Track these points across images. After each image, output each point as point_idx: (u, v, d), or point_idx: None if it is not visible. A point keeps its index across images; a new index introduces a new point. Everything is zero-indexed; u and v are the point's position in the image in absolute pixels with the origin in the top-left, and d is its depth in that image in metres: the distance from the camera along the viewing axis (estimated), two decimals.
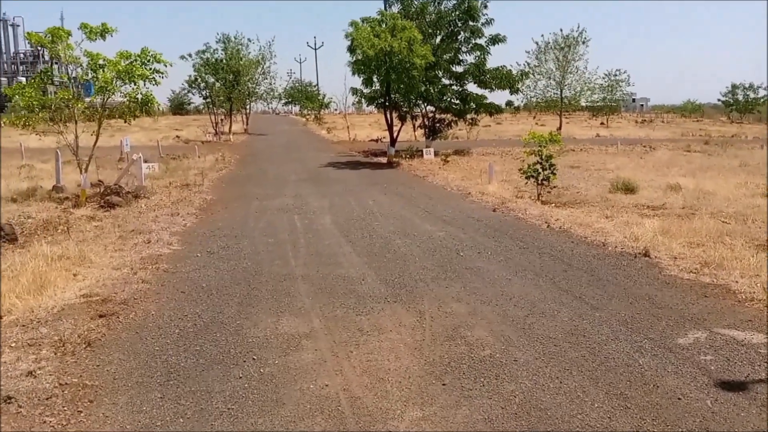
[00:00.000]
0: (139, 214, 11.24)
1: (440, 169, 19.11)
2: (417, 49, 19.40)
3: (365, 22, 20.83)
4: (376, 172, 19.05)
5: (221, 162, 21.38)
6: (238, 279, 6.92)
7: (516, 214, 11.23)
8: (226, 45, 34.27)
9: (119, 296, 6.27)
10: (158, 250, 8.34)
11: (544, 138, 14.02)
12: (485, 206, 12.22)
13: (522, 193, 14.47)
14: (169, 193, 13.73)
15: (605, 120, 53.02)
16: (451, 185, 15.40)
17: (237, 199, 13.30)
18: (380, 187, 15.17)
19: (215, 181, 16.58)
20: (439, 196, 13.59)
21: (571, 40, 37.14)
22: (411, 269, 7.27)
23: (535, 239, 9.04)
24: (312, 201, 12.84)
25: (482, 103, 25.25)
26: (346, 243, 8.76)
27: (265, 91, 39.72)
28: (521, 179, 16.55)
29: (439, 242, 8.81)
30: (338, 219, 10.72)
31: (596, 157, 24.63)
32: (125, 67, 12.18)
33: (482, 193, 13.73)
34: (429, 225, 10.16)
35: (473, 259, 7.81)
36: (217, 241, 8.96)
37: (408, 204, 12.45)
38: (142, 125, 46.90)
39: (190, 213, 11.30)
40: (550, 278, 6.84)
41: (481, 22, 24.78)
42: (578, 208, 12.39)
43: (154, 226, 9.91)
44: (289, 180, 16.68)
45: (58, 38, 12.62)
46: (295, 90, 63.12)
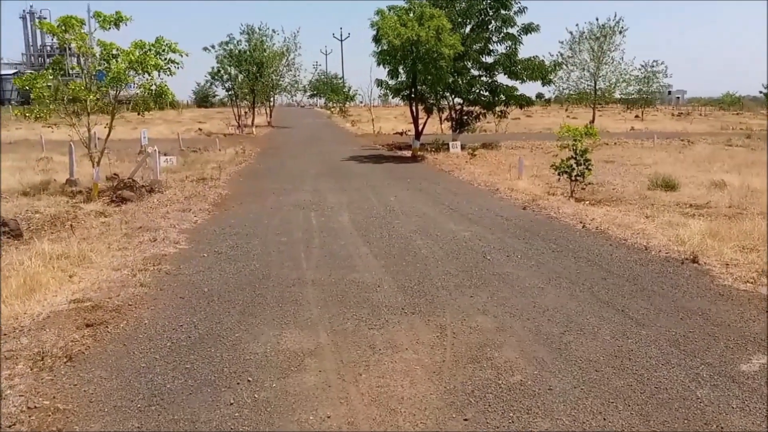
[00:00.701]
0: (150, 209, 10.84)
1: (467, 164, 18.43)
2: (445, 39, 18.69)
3: (392, 11, 20.17)
4: (399, 166, 18.45)
5: (241, 155, 21.00)
6: (243, 283, 6.40)
7: (548, 213, 10.53)
8: (250, 36, 33.94)
9: (113, 302, 5.80)
10: (163, 250, 7.88)
11: (578, 131, 13.26)
12: (514, 204, 11.54)
13: (554, 189, 13.73)
14: (183, 188, 13.33)
15: (640, 113, 51.49)
16: (478, 180, 14.73)
17: (253, 194, 12.83)
18: (403, 182, 14.57)
19: (233, 175, 16.16)
20: (464, 193, 12.94)
21: (607, 29, 35.88)
22: (432, 274, 6.67)
23: (570, 241, 8.36)
24: (330, 197, 12.30)
25: (513, 95, 24.43)
26: (363, 243, 8.19)
27: (289, 84, 39.32)
28: (553, 175, 15.82)
29: (464, 243, 8.19)
30: (356, 217, 10.16)
31: (632, 151, 23.64)
32: (138, 57, 11.76)
33: (511, 190, 13.04)
34: (453, 224, 9.54)
35: (501, 263, 7.18)
36: (226, 240, 8.47)
37: (431, 201, 11.83)
38: (166, 118, 47.06)
39: (202, 209, 10.86)
40: (588, 287, 6.18)
41: (513, 10, 23.98)
42: (615, 206, 11.63)
43: (163, 223, 9.48)
44: (309, 174, 16.18)
45: (70, 27, 12.27)
46: (320, 82, 62.73)
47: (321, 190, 13.20)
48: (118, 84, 12.06)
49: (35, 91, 11.80)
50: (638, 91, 45.99)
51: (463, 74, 23.78)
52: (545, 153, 23.16)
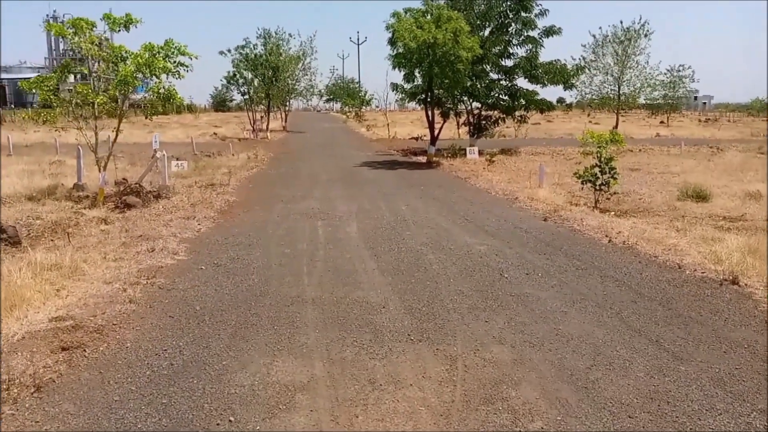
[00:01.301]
0: (154, 216, 10.46)
1: (484, 171, 17.87)
2: (463, 41, 18.17)
3: (408, 13, 19.72)
4: (413, 172, 17.94)
5: (253, 160, 20.64)
6: (238, 300, 5.94)
7: (571, 225, 9.96)
8: (267, 40, 33.71)
9: (96, 321, 5.37)
10: (160, 261, 7.46)
11: (603, 138, 12.68)
12: (535, 214, 10.97)
13: (577, 199, 13.15)
14: (191, 194, 12.96)
15: (665, 119, 50.44)
16: (496, 189, 14.16)
17: (261, 201, 12.42)
18: (416, 189, 14.06)
19: (243, 180, 15.78)
20: (481, 202, 12.40)
21: (632, 32, 35.06)
22: (443, 294, 6.16)
23: (595, 257, 7.79)
24: (340, 205, 11.83)
25: (533, 100, 23.83)
26: (369, 257, 7.70)
27: (305, 88, 39.02)
28: (575, 183, 15.23)
29: (480, 259, 7.66)
30: (365, 227, 9.67)
31: (658, 158, 22.89)
32: (146, 60, 11.42)
33: (531, 199, 12.46)
34: (468, 236, 9.01)
35: (520, 282, 6.64)
36: (227, 251, 8.04)
37: (445, 210, 11.31)
38: (183, 122, 47.10)
39: (207, 217, 10.45)
40: (617, 312, 5.62)
41: (534, 12, 23.42)
42: (642, 218, 11.03)
43: (164, 232, 9.08)
44: (320, 180, 15.74)
45: (79, 30, 11.97)
46: (336, 87, 62.49)
47: (331, 198, 12.74)
48: (125, 87, 11.71)
49: (41, 94, 11.51)
50: (663, 96, 45.01)
51: (482, 78, 23.25)
52: (567, 159, 22.51)
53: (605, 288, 6.43)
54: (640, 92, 38.06)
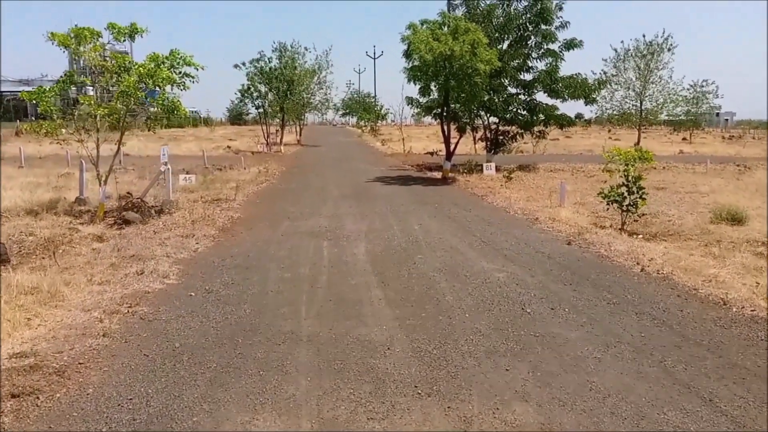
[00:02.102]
0: (151, 233, 9.85)
1: (502, 188, 17.11)
2: (481, 53, 17.49)
3: (425, 25, 19.11)
4: (427, 189, 17.23)
5: (264, 174, 20.07)
6: (225, 337, 5.25)
7: (597, 250, 9.17)
8: (282, 54, 33.36)
9: (61, 359, 4.71)
10: (148, 285, 6.81)
11: (631, 155, 11.87)
12: (557, 237, 10.20)
13: (601, 220, 12.35)
14: (195, 209, 12.34)
15: (688, 135, 49.28)
16: (515, 208, 13.39)
17: (266, 218, 11.77)
18: (430, 207, 13.34)
19: (251, 195, 15.18)
20: (499, 222, 11.64)
21: (655, 47, 34.21)
22: (458, 333, 5.42)
23: (627, 289, 7.00)
24: (349, 223, 11.15)
25: (552, 115, 23.06)
26: (377, 284, 6.98)
27: (320, 102, 38.58)
28: (599, 202, 14.44)
29: (498, 289, 6.90)
30: (374, 248, 8.97)
31: (684, 176, 21.97)
32: (148, 70, 10.88)
33: (553, 220, 11.68)
34: (486, 261, 8.26)
35: (545, 319, 5.88)
36: (222, 275, 7.37)
37: (461, 231, 10.57)
38: (198, 135, 46.91)
39: (207, 235, 9.82)
40: (659, 360, 4.84)
41: (554, 25, 22.73)
42: (674, 242, 10.22)
43: (158, 251, 8.44)
44: (330, 196, 15.09)
45: (83, 39, 11.49)
46: (352, 101, 62.15)
47: (340, 215, 12.06)
48: (127, 99, 11.18)
49: (42, 105, 11.00)
50: (686, 113, 43.94)
51: (500, 92, 22.55)
52: (588, 177, 21.70)
53: (642, 328, 5.65)
54: (662, 108, 37.07)
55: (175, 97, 11.52)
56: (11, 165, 20.95)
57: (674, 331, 5.53)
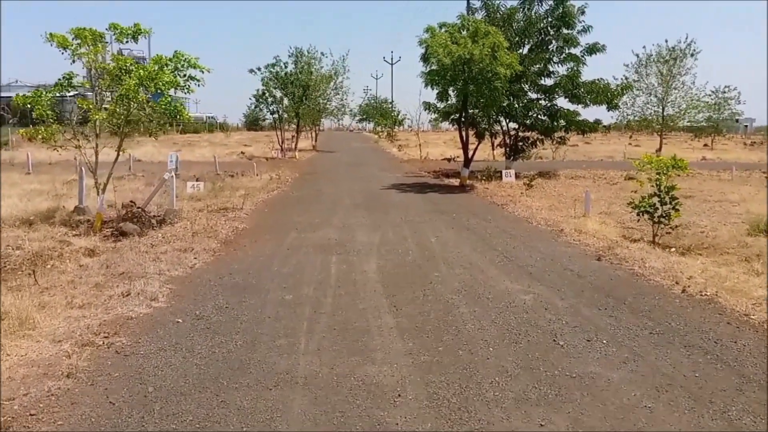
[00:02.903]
0: (148, 246, 9.13)
1: (522, 196, 16.21)
2: (502, 57, 16.62)
3: (443, 28, 18.29)
4: (444, 197, 16.37)
5: (275, 181, 19.35)
6: (208, 378, 4.46)
7: (630, 267, 8.26)
8: (298, 59, 32.71)
9: (11, 408, 3.95)
10: (132, 310, 6.05)
11: (663, 163, 10.95)
12: (585, 252, 9.30)
13: (630, 231, 11.44)
14: (199, 219, 11.62)
15: (709, 141, 47.87)
16: (537, 218, 12.49)
17: (273, 229, 11.01)
18: (447, 217, 12.49)
19: (259, 204, 14.44)
20: (522, 234, 10.75)
21: (678, 52, 33.04)
22: (480, 373, 4.57)
23: (670, 315, 6.10)
24: (360, 235, 10.34)
25: (574, 120, 22.11)
26: (387, 309, 6.15)
27: (336, 107, 37.89)
28: (625, 212, 13.55)
29: (525, 315, 6.04)
30: (386, 264, 8.14)
31: (710, 184, 20.88)
32: (148, 73, 10.19)
33: (579, 232, 10.77)
34: (509, 280, 7.39)
35: (581, 354, 5.01)
36: (217, 297, 6.59)
37: (481, 244, 9.71)
38: (213, 140, 46.55)
39: (207, 249, 9.06)
40: (721, 409, 3.96)
41: (577, 29, 21.80)
42: (711, 256, 9.30)
43: (151, 268, 7.69)
44: (342, 205, 14.30)
45: (84, 40, 10.84)
46: (369, 107, 61.48)
47: (351, 226, 11.26)
48: (127, 102, 10.50)
49: (37, 110, 10.35)
50: (707, 119, 42.57)
51: (520, 97, 21.67)
52: (610, 184, 20.72)
53: (695, 365, 4.77)
54: (685, 114, 35.83)
55: (178, 101, 10.82)
56: (19, 171, 20.51)
57: (732, 370, 4.64)
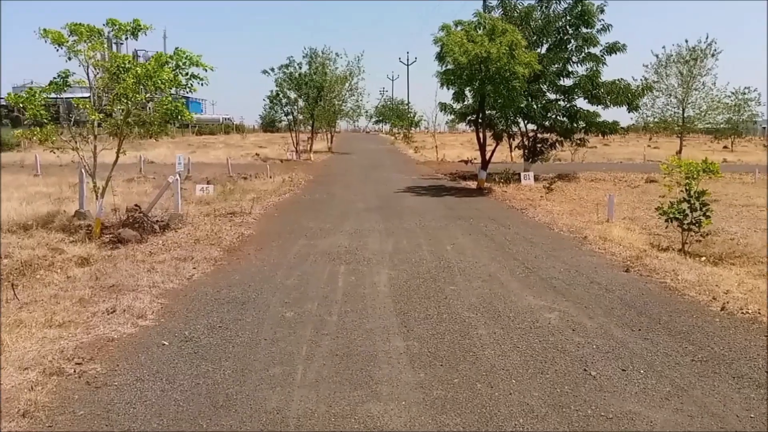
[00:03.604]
0: (146, 255, 8.55)
1: (542, 199, 15.43)
2: (520, 56, 15.85)
3: (459, 26, 17.56)
4: (462, 200, 15.64)
5: (288, 184, 18.76)
6: (185, 418, 3.81)
7: (662, 279, 7.49)
8: (312, 59, 32.16)
9: None
10: (116, 329, 5.44)
11: (694, 167, 10.15)
12: (612, 262, 8.53)
13: (656, 238, 10.66)
14: (204, 225, 11.04)
15: (729, 143, 46.50)
16: (559, 223, 11.72)
17: (281, 234, 10.38)
18: (465, 223, 11.77)
19: (269, 208, 13.83)
20: (543, 241, 10.00)
21: (698, 52, 31.88)
22: (503, 413, 3.87)
23: (711, 337, 5.35)
24: (372, 242, 9.67)
25: (594, 122, 21.25)
26: (398, 331, 5.47)
27: (352, 109, 37.28)
28: (650, 217, 12.80)
29: (551, 338, 5.33)
30: (399, 276, 7.46)
31: (735, 188, 19.88)
32: (147, 71, 9.61)
33: (604, 239, 10.00)
34: (532, 295, 6.67)
35: (616, 387, 4.29)
36: (211, 314, 5.96)
37: (500, 253, 8.98)
38: (229, 142, 46.21)
39: (208, 257, 8.45)
40: None
41: (596, 28, 20.97)
42: (745, 266, 8.52)
43: (144, 280, 7.09)
44: (355, 209, 13.64)
45: (79, 36, 10.30)
46: (386, 108, 60.82)
47: (363, 232, 10.60)
48: (125, 102, 9.94)
49: (30, 110, 9.82)
50: (727, 120, 41.21)
51: (538, 98, 20.86)
52: (631, 187, 19.85)
53: (748, 402, 4.03)
54: (706, 115, 34.62)
55: (179, 100, 10.23)
56: (28, 173, 20.16)
57: None
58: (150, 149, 33.57)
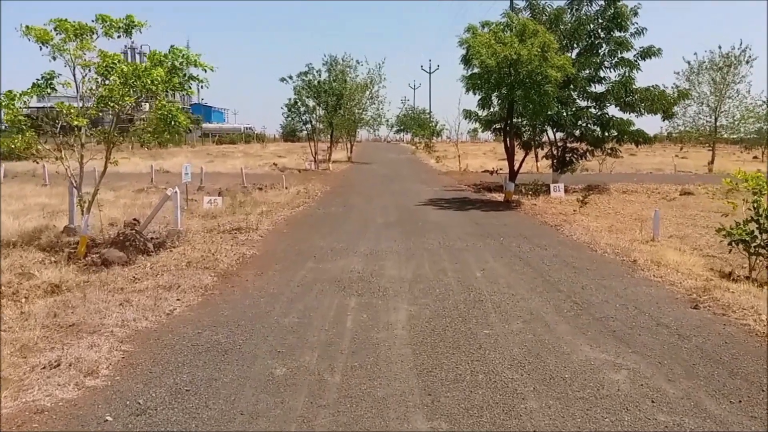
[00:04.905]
0: (128, 281, 7.25)
1: (576, 214, 13.86)
2: (553, 58, 14.36)
3: (485, 28, 16.13)
4: (488, 215, 14.14)
5: (303, 195, 17.44)
6: None
7: (742, 320, 5.96)
8: (332, 67, 30.96)
9: None
10: (52, 394, 4.12)
11: (763, 181, 8.59)
12: (674, 293, 7.00)
13: (713, 261, 9.13)
14: (203, 243, 9.74)
15: (760, 153, 44.18)
16: (601, 243, 10.16)
17: (287, 255, 9.03)
18: (494, 242, 10.30)
19: (279, 223, 12.50)
20: (587, 266, 8.48)
21: (732, 59, 30.01)
22: None
23: None
24: (390, 266, 8.26)
25: (627, 131, 19.61)
26: (419, 401, 4.04)
27: (372, 117, 35.98)
28: (699, 234, 11.27)
29: (625, 416, 3.85)
30: (420, 313, 6.03)
31: None
32: (132, 69, 8.36)
33: (657, 264, 8.45)
34: (588, 344, 5.19)
35: None
36: (182, 369, 4.60)
37: (540, 281, 7.50)
38: (248, 151, 45.28)
39: (197, 285, 7.12)
40: None
41: (630, 31, 19.38)
42: None
43: (113, 317, 5.78)
44: (373, 224, 12.26)
45: (66, 34, 9.11)
46: (407, 117, 59.47)
47: (380, 253, 9.20)
48: (110, 106, 8.69)
49: (8, 114, 8.61)
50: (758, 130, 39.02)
51: (568, 104, 19.29)
52: (667, 200, 18.18)
53: None
54: (740, 124, 32.62)
55: (172, 103, 8.97)
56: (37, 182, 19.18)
57: None
58: (168, 158, 32.73)
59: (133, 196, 17.15)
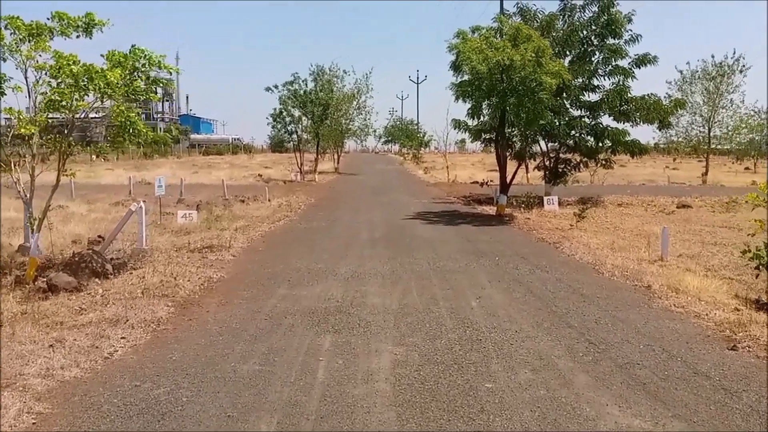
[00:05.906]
0: (69, 314, 6.17)
1: (573, 229, 12.88)
2: (548, 65, 13.45)
3: (476, 32, 15.22)
4: (481, 230, 13.13)
5: (285, 209, 16.37)
6: None
7: None
8: (318, 76, 29.96)
9: None
10: None
11: None
12: (704, 330, 5.99)
13: (731, 284, 8.18)
14: (167, 265, 8.61)
15: (751, 164, 43.68)
16: (607, 264, 9.16)
17: (258, 280, 7.95)
18: (489, 262, 9.28)
19: (256, 239, 11.41)
20: (597, 293, 7.46)
21: (725, 68, 29.38)
22: None
23: None
24: (373, 293, 7.21)
25: (622, 141, 18.77)
26: None
27: (359, 128, 35.02)
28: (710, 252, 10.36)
29: None
30: (407, 358, 4.97)
31: None
32: (84, 69, 7.29)
33: (675, 290, 7.45)
34: (616, 404, 4.16)
35: None
36: None
37: (546, 313, 6.47)
38: (235, 162, 44.10)
39: (148, 319, 6.02)
40: None
41: (624, 39, 18.59)
42: None
43: (36, 364, 4.69)
44: (357, 242, 11.21)
45: (18, 33, 8.03)
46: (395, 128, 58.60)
47: (363, 276, 8.14)
48: (60, 111, 7.60)
49: None
50: (749, 141, 38.48)
51: (561, 114, 18.40)
52: (665, 213, 17.29)
53: None
54: (734, 134, 31.99)
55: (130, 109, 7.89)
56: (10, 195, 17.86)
57: None
58: (153, 169, 31.52)
59: (107, 209, 15.99)
